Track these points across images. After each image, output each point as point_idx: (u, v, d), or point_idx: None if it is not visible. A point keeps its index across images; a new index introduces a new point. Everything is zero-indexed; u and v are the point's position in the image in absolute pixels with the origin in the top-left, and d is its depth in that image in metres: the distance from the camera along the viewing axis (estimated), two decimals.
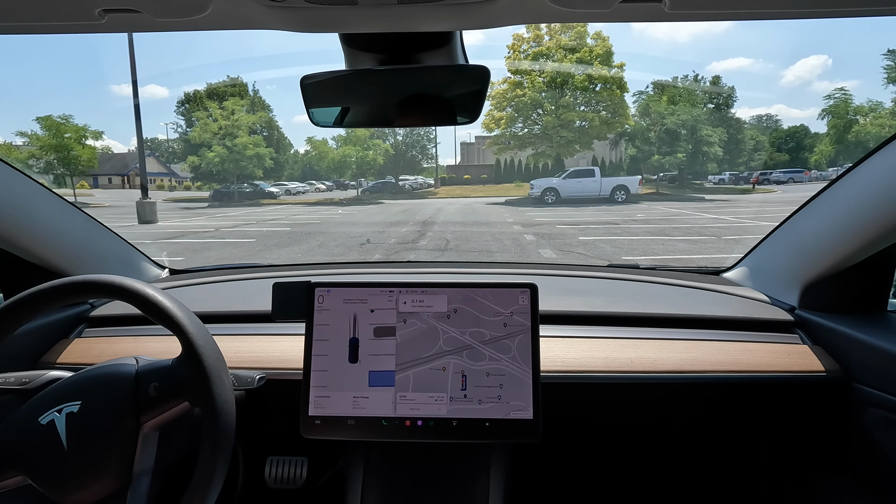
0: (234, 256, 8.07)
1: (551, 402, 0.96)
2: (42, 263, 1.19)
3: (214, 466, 0.68)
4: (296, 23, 0.67)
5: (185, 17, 0.62)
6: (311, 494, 1.24)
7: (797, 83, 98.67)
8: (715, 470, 1.30)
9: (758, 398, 1.10)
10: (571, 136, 24.64)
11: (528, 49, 25.10)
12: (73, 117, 24.63)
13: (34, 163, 23.33)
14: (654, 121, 24.40)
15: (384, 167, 29.81)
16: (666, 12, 0.59)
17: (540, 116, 24.96)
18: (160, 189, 42.59)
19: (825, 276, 1.10)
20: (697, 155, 23.26)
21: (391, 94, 0.89)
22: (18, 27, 0.66)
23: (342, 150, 27.12)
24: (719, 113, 26.62)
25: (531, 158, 27.76)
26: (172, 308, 0.73)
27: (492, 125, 25.60)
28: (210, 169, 25.54)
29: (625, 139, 26.11)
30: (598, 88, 24.37)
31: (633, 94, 27.77)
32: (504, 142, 26.71)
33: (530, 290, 0.91)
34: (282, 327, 1.15)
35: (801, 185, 24.83)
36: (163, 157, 44.66)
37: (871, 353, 0.97)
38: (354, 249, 8.44)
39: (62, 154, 22.41)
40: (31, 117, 24.74)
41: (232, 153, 25.04)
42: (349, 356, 0.89)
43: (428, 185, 31.51)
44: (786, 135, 41.90)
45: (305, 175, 36.28)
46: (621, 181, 19.30)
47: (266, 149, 26.03)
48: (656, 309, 1.20)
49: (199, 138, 25.78)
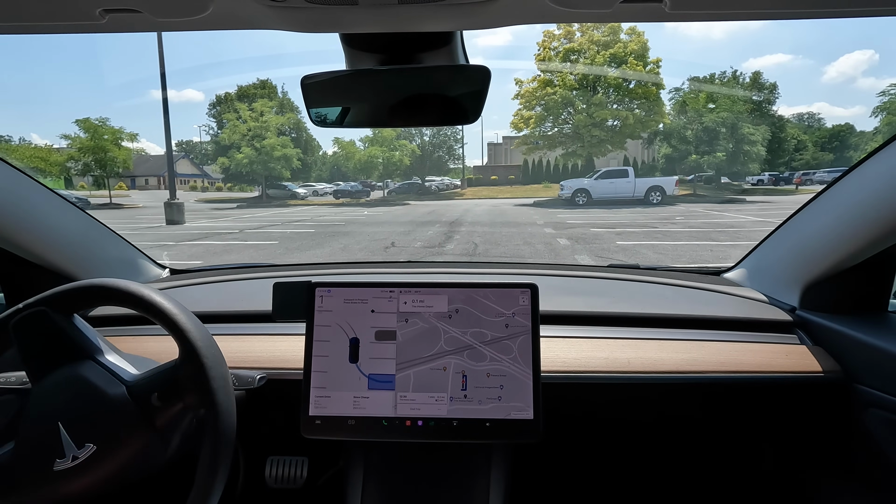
0: (254, 260, 7.84)
1: (552, 403, 0.97)
2: (43, 263, 1.19)
3: (217, 469, 0.69)
4: (296, 23, 0.67)
5: (186, 16, 0.62)
6: (312, 494, 1.24)
7: (840, 80, 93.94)
8: (715, 471, 1.29)
9: (758, 399, 1.09)
10: (604, 136, 23.82)
11: (559, 46, 24.40)
12: (110, 120, 25.47)
13: (73, 164, 24.16)
14: (691, 119, 23.34)
15: (410, 168, 29.69)
16: (666, 12, 0.60)
17: (571, 115, 24.21)
18: (193, 190, 43.78)
19: (826, 276, 1.09)
20: (738, 154, 22.07)
21: (392, 94, 0.88)
22: (19, 27, 0.66)
23: (368, 150, 27.10)
24: (760, 110, 25.37)
25: (561, 158, 27.09)
26: (168, 307, 0.73)
27: (520, 125, 24.98)
28: (239, 170, 25.94)
29: (659, 138, 25.07)
30: (633, 85, 23.47)
31: (669, 91, 26.65)
32: (533, 142, 26.04)
33: (531, 290, 0.91)
34: (282, 327, 1.15)
35: None
36: (196, 159, 45.89)
37: (872, 353, 0.96)
38: (378, 253, 8.13)
39: (99, 155, 23.10)
40: (73, 120, 26.34)
41: (260, 154, 25.33)
42: (350, 356, 0.89)
43: (454, 185, 31.32)
44: (829, 134, 40.05)
45: (333, 176, 36.54)
46: (656, 182, 18.57)
47: (293, 150, 26.24)
48: (657, 309, 1.20)
49: (228, 140, 26.21)
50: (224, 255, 8.13)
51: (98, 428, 0.72)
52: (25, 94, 70.90)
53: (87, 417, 0.73)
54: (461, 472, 0.98)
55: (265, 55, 19.35)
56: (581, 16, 0.64)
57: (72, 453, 0.70)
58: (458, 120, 0.92)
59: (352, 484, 0.99)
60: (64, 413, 0.72)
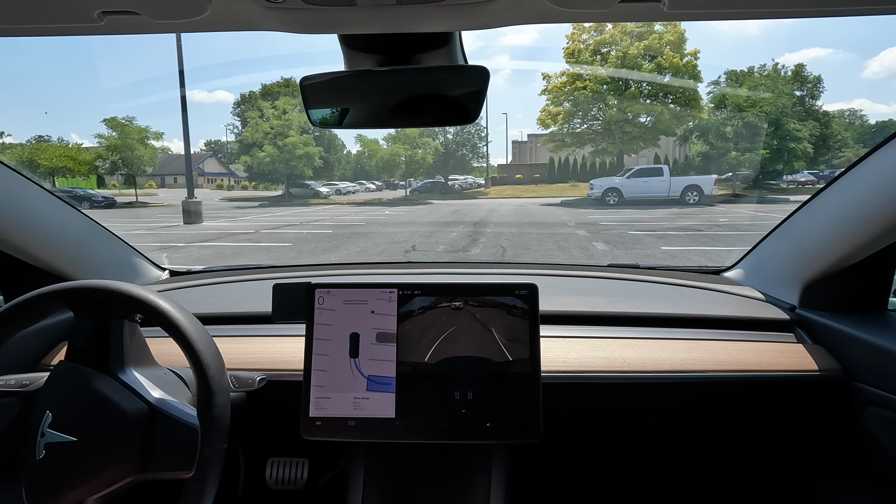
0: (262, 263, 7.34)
1: (552, 403, 0.95)
2: (41, 265, 1.19)
3: (205, 481, 0.69)
4: (295, 24, 0.67)
5: (184, 18, 0.63)
6: (312, 495, 1.24)
7: (883, 75, 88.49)
8: (716, 469, 1.29)
9: (758, 397, 1.10)
10: (636, 132, 22.67)
11: (589, 38, 23.37)
12: (136, 119, 25.81)
13: (101, 163, 24.54)
14: (731, 114, 22.02)
15: (433, 166, 29.18)
16: (665, 12, 0.61)
17: (601, 111, 23.15)
18: (220, 188, 44.53)
19: (825, 275, 1.09)
20: (783, 152, 20.68)
21: (391, 94, 0.88)
22: (17, 29, 0.67)
23: (391, 148, 26.73)
24: (803, 106, 23.85)
25: (590, 156, 26.08)
26: (200, 348, 0.73)
27: (548, 121, 23.99)
28: (262, 168, 25.94)
29: (695, 135, 23.80)
30: (668, 78, 22.26)
31: (706, 84, 25.30)
32: (560, 139, 25.07)
33: (531, 290, 0.91)
34: (282, 328, 1.14)
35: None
36: (224, 158, 46.61)
37: (872, 351, 0.97)
38: (398, 258, 7.52)
39: (125, 154, 23.41)
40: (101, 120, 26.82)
41: (282, 153, 25.21)
42: (350, 350, 0.90)
43: (478, 184, 30.74)
44: (873, 130, 37.80)
45: (356, 175, 36.45)
46: (693, 181, 17.53)
47: (316, 148, 26.05)
48: (657, 308, 1.20)
49: (251, 138, 26.22)
50: (233, 260, 7.68)
51: (86, 424, 0.72)
52: (65, 94, 73.60)
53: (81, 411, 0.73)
54: (462, 473, 0.98)
55: (295, 53, 19.37)
56: (580, 16, 0.65)
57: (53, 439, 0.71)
58: (457, 120, 0.90)
59: (352, 485, 0.99)
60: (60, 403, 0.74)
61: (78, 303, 0.77)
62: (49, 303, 0.75)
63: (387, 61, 0.83)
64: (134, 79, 71.76)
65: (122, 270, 1.43)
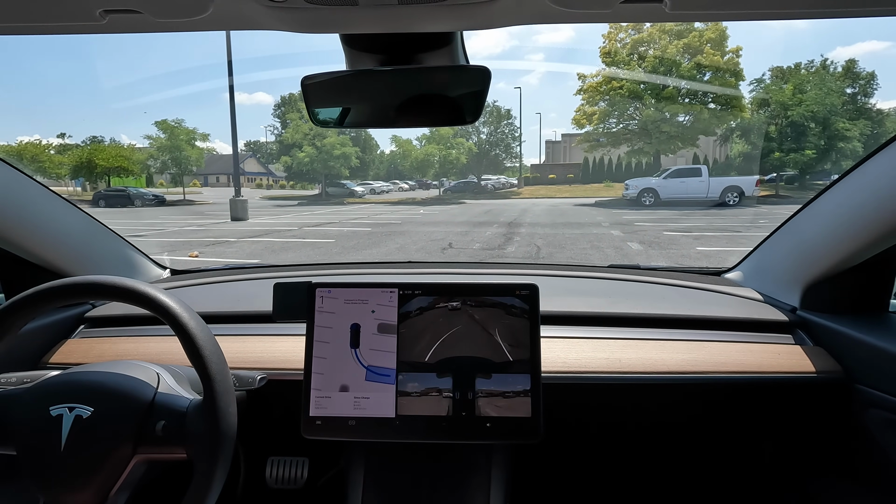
0: (312, 258, 7.81)
1: (552, 403, 0.96)
2: (43, 264, 1.20)
3: (212, 479, 0.69)
4: (296, 23, 0.67)
5: (186, 17, 0.63)
6: (312, 495, 1.24)
7: None
8: (716, 471, 1.29)
9: (759, 399, 1.09)
10: (674, 132, 22.22)
11: (627, 37, 23.08)
12: (185, 121, 27.11)
13: (152, 163, 25.97)
14: (774, 113, 21.29)
15: (467, 166, 29.38)
16: (667, 13, 0.61)
17: (638, 110, 22.81)
18: (259, 187, 45.96)
19: (826, 276, 1.09)
20: (830, 151, 19.85)
21: (391, 94, 0.88)
22: (19, 27, 0.67)
23: (425, 148, 27.12)
24: (854, 104, 22.75)
25: (625, 156, 25.72)
26: (203, 346, 0.73)
27: (583, 121, 23.81)
28: (301, 168, 26.79)
29: (736, 134, 23.11)
30: (708, 77, 21.74)
31: (749, 82, 24.50)
32: (595, 139, 24.80)
33: (531, 290, 0.91)
34: (283, 328, 1.14)
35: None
36: (263, 158, 48.14)
37: (873, 353, 0.96)
38: (436, 255, 7.82)
39: (175, 154, 24.70)
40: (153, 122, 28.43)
41: (321, 153, 26.01)
42: (351, 341, 0.90)
43: (511, 184, 30.72)
44: None
45: (390, 174, 37.00)
46: (734, 181, 17.05)
47: (352, 148, 26.78)
48: (658, 309, 1.19)
49: (291, 139, 27.17)
50: (282, 254, 8.14)
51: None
52: (116, 96, 77.69)
53: (101, 384, 0.75)
54: (462, 473, 0.98)
55: (334, 49, 20.06)
56: (581, 16, 0.65)
57: (76, 408, 0.72)
58: (457, 120, 0.90)
59: (352, 484, 0.99)
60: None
61: (88, 299, 0.78)
62: (56, 298, 0.74)
63: (388, 61, 0.83)
64: (181, 84, 74.97)
65: (123, 268, 1.44)
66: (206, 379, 0.71)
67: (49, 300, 0.74)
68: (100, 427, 0.72)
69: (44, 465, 0.71)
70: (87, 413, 0.72)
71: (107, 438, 0.72)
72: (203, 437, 0.70)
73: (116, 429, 0.72)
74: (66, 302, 0.76)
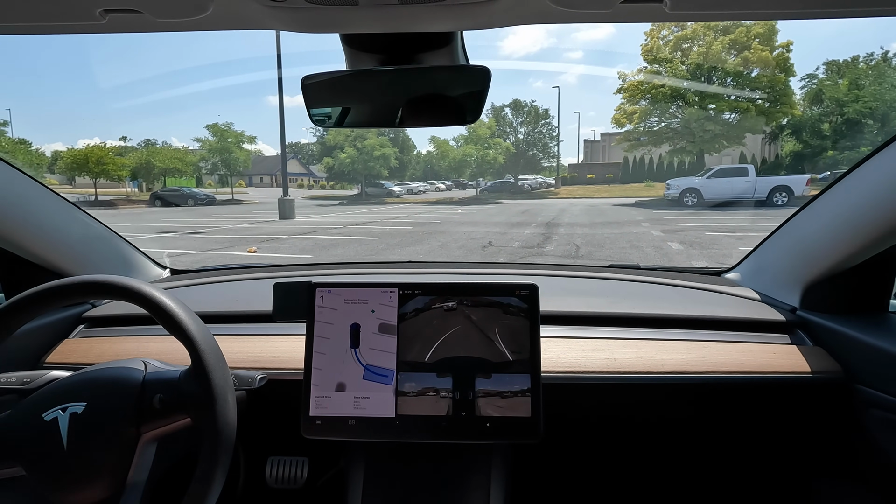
0: (360, 254, 8.19)
1: (552, 403, 0.95)
2: (43, 263, 1.20)
3: (209, 486, 0.68)
4: (296, 23, 0.67)
5: (186, 17, 0.63)
6: (312, 494, 1.24)
7: None
8: (717, 471, 1.29)
9: (759, 399, 1.09)
10: (718, 130, 21.56)
11: (669, 34, 22.61)
12: (234, 124, 28.45)
13: (203, 164, 27.42)
14: (828, 109, 20.36)
15: (504, 166, 29.46)
16: (667, 13, 0.61)
17: (681, 108, 22.29)
18: (300, 188, 47.41)
19: (826, 276, 1.09)
20: None
21: (392, 94, 0.88)
22: (19, 27, 0.67)
23: (463, 149, 27.39)
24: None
25: (667, 155, 25.10)
26: (185, 320, 0.73)
27: (623, 120, 23.45)
28: (342, 169, 27.62)
29: (786, 132, 22.20)
30: (755, 73, 21.02)
31: (800, 78, 23.50)
32: (636, 138, 24.35)
33: (531, 290, 0.90)
34: (283, 327, 1.14)
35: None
36: (304, 160, 49.67)
37: (873, 354, 0.96)
38: (476, 252, 8.07)
39: (224, 156, 25.99)
40: (205, 125, 29.93)
41: (361, 154, 26.77)
42: (351, 340, 0.90)
43: (548, 184, 30.56)
44: None
45: (426, 174, 37.45)
46: (783, 181, 16.33)
47: (391, 149, 27.42)
48: (658, 309, 1.20)
49: (332, 141, 28.07)
50: (332, 250, 8.59)
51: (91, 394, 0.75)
52: (167, 100, 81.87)
53: (87, 380, 0.77)
54: (462, 473, 0.98)
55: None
56: (581, 16, 0.64)
57: (68, 407, 0.74)
58: (458, 120, 0.91)
59: (352, 484, 0.99)
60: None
61: (87, 298, 0.77)
62: (56, 298, 0.74)
63: (388, 61, 0.83)
64: (230, 85, 78.21)
65: (123, 268, 1.44)
66: (204, 377, 0.71)
67: (49, 300, 0.74)
68: (98, 416, 0.73)
69: (52, 471, 0.71)
70: (80, 408, 0.73)
71: (108, 424, 0.73)
72: (200, 396, 0.71)
73: (115, 413, 0.73)
74: (66, 302, 0.76)
